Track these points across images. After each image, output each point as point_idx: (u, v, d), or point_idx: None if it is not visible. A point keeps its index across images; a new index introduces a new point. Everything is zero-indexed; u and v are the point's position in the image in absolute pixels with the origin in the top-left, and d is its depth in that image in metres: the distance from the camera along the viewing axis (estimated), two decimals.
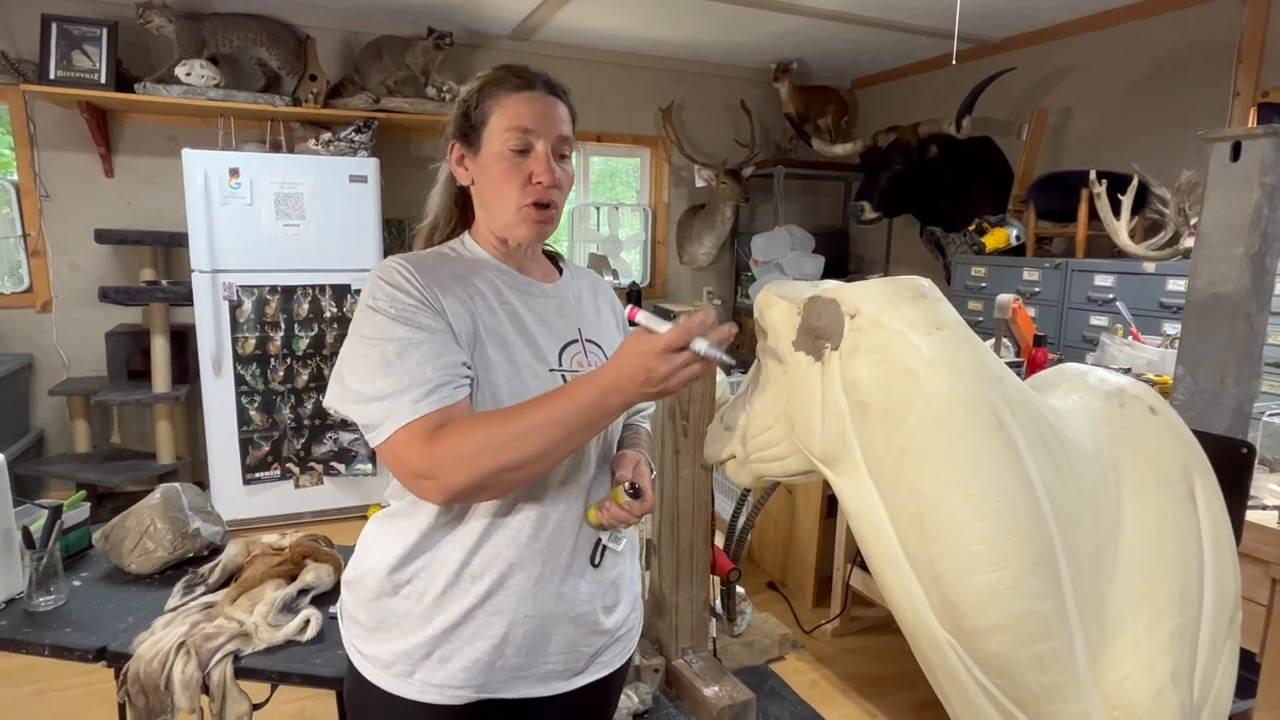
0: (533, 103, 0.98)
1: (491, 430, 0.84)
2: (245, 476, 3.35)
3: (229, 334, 3.26)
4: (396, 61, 3.70)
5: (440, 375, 0.87)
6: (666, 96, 4.67)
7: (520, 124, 0.96)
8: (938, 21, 3.71)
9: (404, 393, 0.85)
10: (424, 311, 0.91)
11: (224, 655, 1.37)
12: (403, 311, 0.90)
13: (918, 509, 0.75)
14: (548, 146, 0.98)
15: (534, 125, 0.97)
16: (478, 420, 0.86)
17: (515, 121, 0.96)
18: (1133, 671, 0.79)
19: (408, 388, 0.86)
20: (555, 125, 0.99)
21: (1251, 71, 3.08)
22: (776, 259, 4.46)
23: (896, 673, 2.49)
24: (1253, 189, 1.02)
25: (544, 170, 0.97)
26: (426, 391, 0.86)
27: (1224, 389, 1.05)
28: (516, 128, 0.96)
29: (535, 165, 0.97)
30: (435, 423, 0.85)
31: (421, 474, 0.86)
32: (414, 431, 0.85)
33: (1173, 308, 2.70)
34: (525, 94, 0.98)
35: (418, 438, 0.85)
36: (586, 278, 1.16)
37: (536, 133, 0.97)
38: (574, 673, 1.02)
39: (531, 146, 0.97)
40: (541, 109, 0.98)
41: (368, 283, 0.94)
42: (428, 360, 0.87)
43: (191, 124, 3.69)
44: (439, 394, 0.86)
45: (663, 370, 0.79)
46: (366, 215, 3.40)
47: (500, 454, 0.84)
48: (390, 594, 0.97)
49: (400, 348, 0.88)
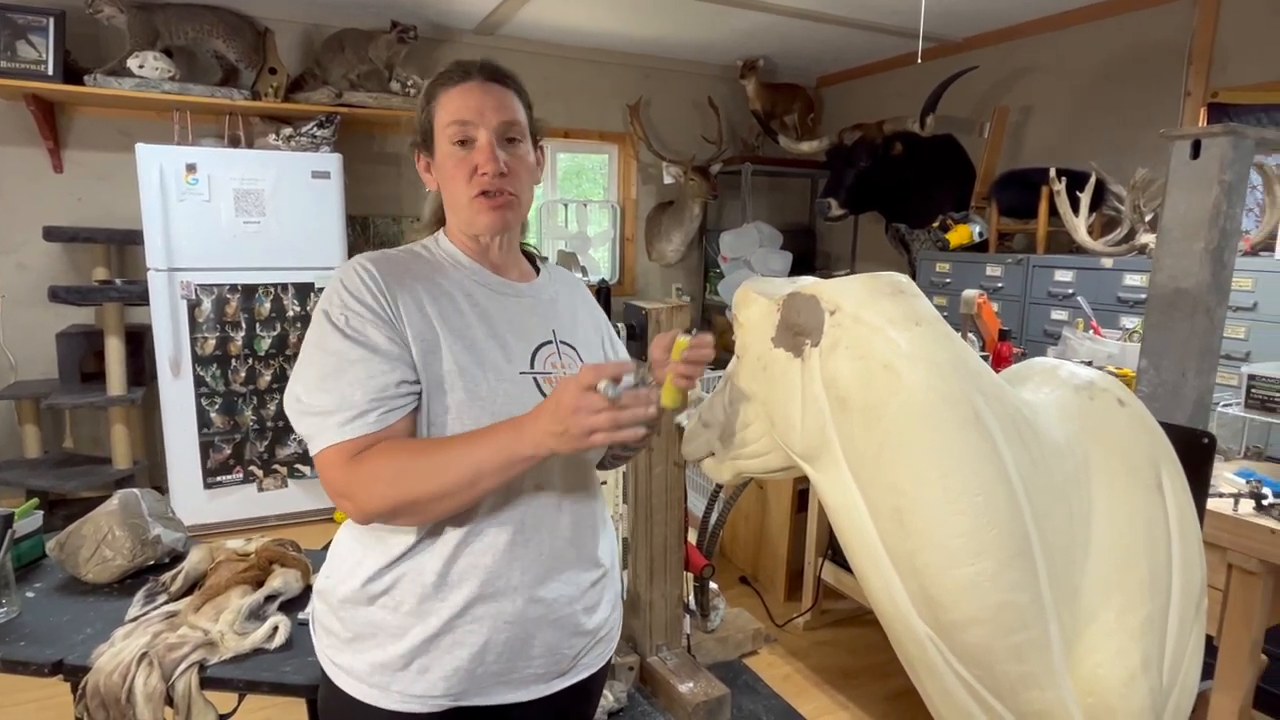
0: (468, 94, 0.97)
1: (409, 461, 0.86)
2: (206, 480, 3.27)
3: (188, 334, 3.17)
4: (359, 55, 3.63)
5: (368, 400, 0.87)
6: (633, 93, 4.66)
7: (458, 116, 0.96)
8: (902, 20, 3.75)
9: (332, 414, 0.87)
10: (372, 322, 0.90)
11: (189, 665, 1.33)
12: (349, 322, 0.90)
13: (897, 503, 0.75)
14: (490, 135, 0.96)
15: (472, 116, 0.96)
16: (399, 449, 0.87)
17: (454, 115, 0.96)
18: (1105, 659, 0.80)
19: (336, 409, 0.87)
20: (496, 112, 0.97)
21: (1201, 72, 3.17)
22: (745, 255, 4.48)
23: (867, 664, 2.52)
24: (1212, 186, 1.04)
25: (486, 159, 0.95)
26: (352, 416, 0.87)
27: (1185, 381, 1.08)
28: (455, 121, 0.96)
29: (478, 155, 0.96)
30: (361, 446, 0.87)
31: (341, 494, 0.88)
32: (339, 452, 0.87)
33: (1130, 302, 2.78)
34: (461, 86, 0.97)
35: (341, 459, 0.87)
36: (565, 279, 1.15)
37: (475, 123, 0.96)
38: (555, 675, 1.00)
39: (473, 137, 0.96)
40: (478, 98, 0.97)
41: (329, 283, 0.95)
42: (359, 382, 0.88)
43: (145, 118, 3.58)
44: (364, 420, 0.87)
45: (568, 402, 0.78)
46: (330, 212, 3.33)
47: (414, 485, 0.85)
48: (365, 604, 0.95)
49: (337, 364, 0.88)
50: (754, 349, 0.85)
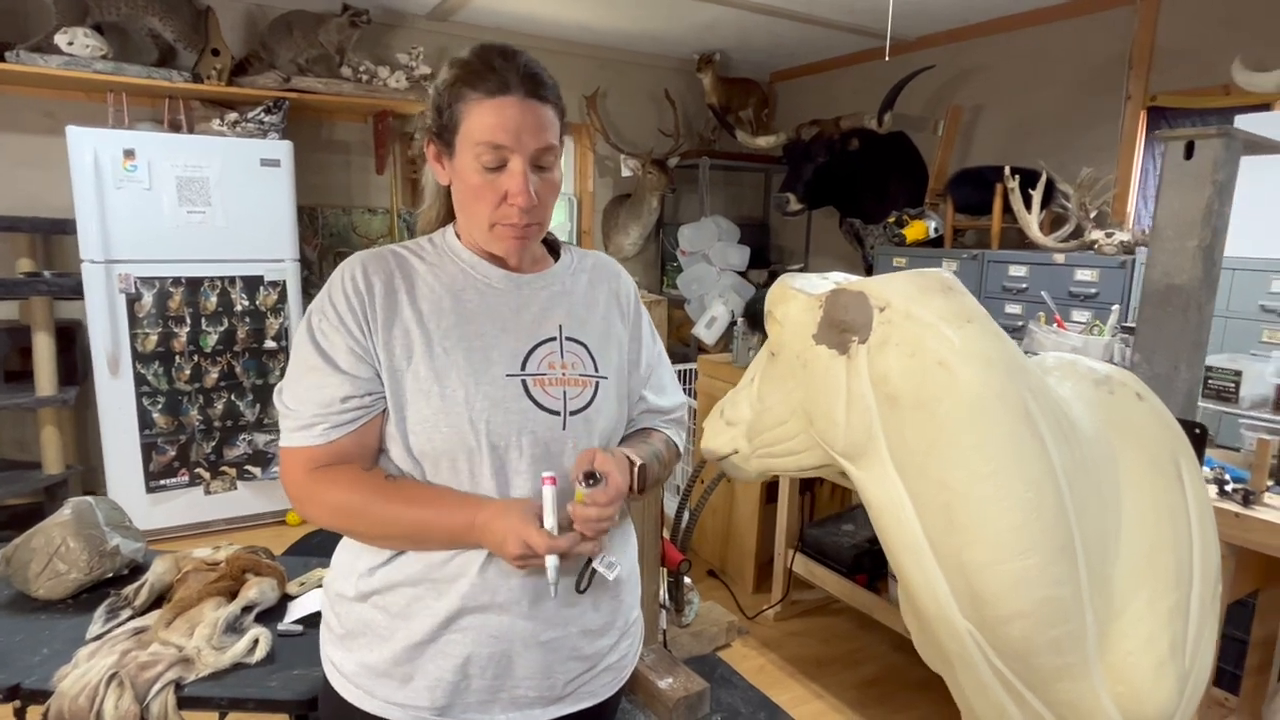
0: (505, 111, 0.85)
1: (360, 500, 0.87)
2: (149, 484, 3.09)
3: (127, 330, 2.98)
4: (308, 39, 3.47)
5: (313, 414, 0.88)
6: (590, 84, 4.61)
7: (492, 138, 0.85)
8: (857, 18, 3.81)
9: (287, 418, 0.90)
10: (338, 329, 0.89)
11: (164, 685, 1.25)
12: (319, 326, 0.90)
13: (946, 499, 0.75)
14: (525, 162, 0.87)
15: (508, 140, 0.86)
16: (357, 485, 0.88)
17: (487, 135, 0.86)
18: (1135, 647, 0.82)
19: (289, 414, 0.90)
20: (534, 136, 0.87)
21: (1141, 77, 3.32)
22: (703, 250, 4.49)
23: (839, 652, 2.56)
24: (1205, 186, 1.08)
25: (519, 190, 0.87)
26: (300, 425, 0.89)
27: (1178, 374, 1.12)
28: (488, 143, 0.86)
29: (510, 184, 0.87)
30: (315, 458, 0.89)
31: (293, 498, 0.91)
32: (292, 456, 0.90)
33: (1080, 296, 2.89)
34: (499, 100, 0.85)
35: (296, 465, 0.90)
36: (595, 266, 1.06)
37: (511, 148, 0.86)
38: (550, 701, 0.94)
39: (505, 162, 0.87)
40: (517, 119, 0.86)
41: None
42: (309, 393, 0.89)
43: (74, 99, 3.34)
44: (310, 432, 0.88)
45: (512, 552, 0.83)
46: (280, 201, 3.19)
47: (358, 524, 0.89)
48: (359, 600, 0.94)
49: (299, 369, 0.90)
50: (793, 346, 0.83)
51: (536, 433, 0.90)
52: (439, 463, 0.89)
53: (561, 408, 0.92)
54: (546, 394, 0.92)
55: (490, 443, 0.88)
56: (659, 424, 1.06)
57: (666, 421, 1.06)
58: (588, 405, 0.94)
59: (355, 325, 0.89)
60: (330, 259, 3.97)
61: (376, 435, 0.91)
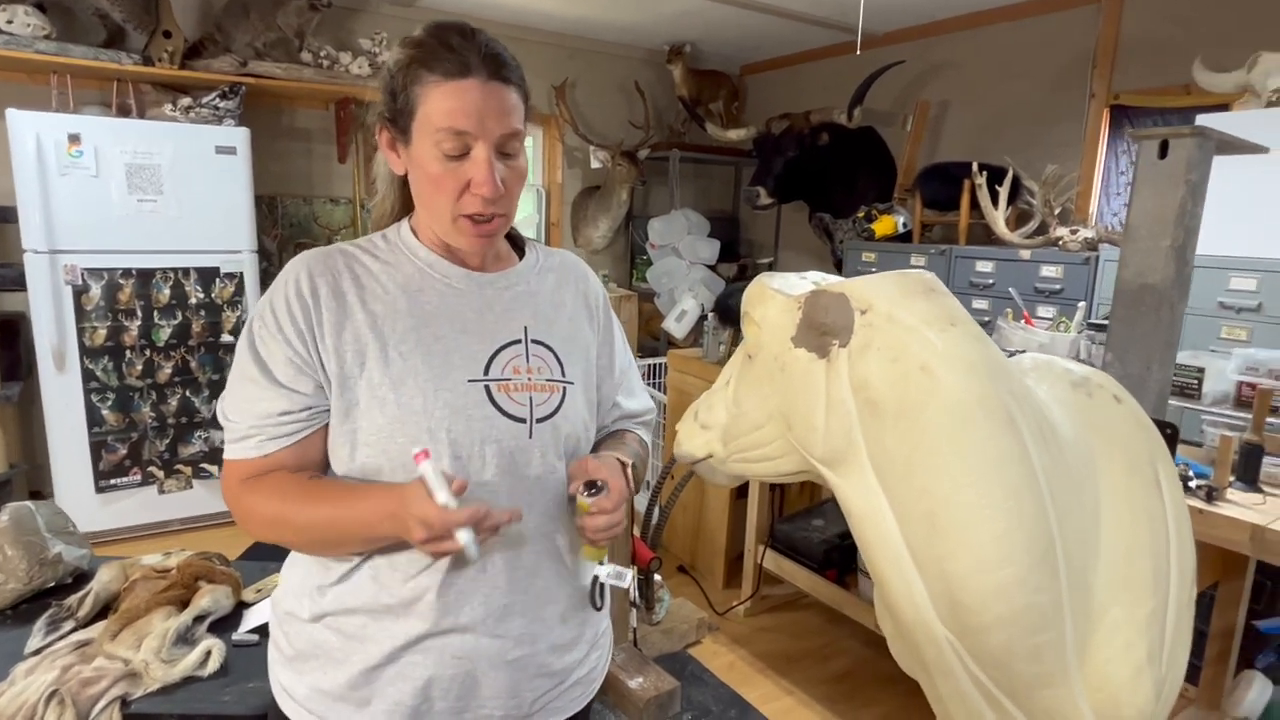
0: (466, 95, 0.79)
1: (284, 507, 0.83)
2: (99, 484, 2.97)
3: (73, 323, 2.85)
4: (266, 22, 3.35)
5: (248, 426, 0.85)
6: (559, 74, 4.54)
7: (453, 124, 0.79)
8: (827, 12, 3.80)
9: (225, 428, 0.87)
10: (277, 338, 0.84)
11: (109, 701, 1.19)
12: (259, 333, 0.85)
13: (928, 507, 0.73)
14: (489, 149, 0.81)
15: (471, 126, 0.80)
16: (279, 490, 0.84)
17: (448, 121, 0.79)
18: (1114, 654, 0.81)
19: (228, 425, 0.87)
20: (499, 121, 0.81)
21: (1105, 76, 3.36)
22: (673, 242, 4.46)
23: (808, 648, 2.56)
24: (1178, 185, 1.08)
25: (485, 179, 0.81)
26: (238, 437, 0.86)
27: (1150, 374, 1.12)
28: (449, 129, 0.80)
29: (474, 172, 0.81)
30: (250, 470, 0.85)
31: (231, 510, 0.88)
32: (228, 468, 0.87)
33: (1046, 292, 2.92)
34: (459, 83, 0.79)
35: (230, 476, 0.87)
36: (560, 265, 1.00)
37: (474, 134, 0.80)
38: (518, 719, 0.90)
39: (468, 149, 0.81)
40: (479, 102, 0.80)
41: None
42: (241, 405, 0.85)
43: (14, 80, 3.18)
44: (245, 444, 0.85)
45: (417, 536, 0.76)
46: (237, 190, 3.07)
47: (286, 533, 0.85)
48: (309, 620, 0.87)
49: (237, 379, 0.86)
50: (770, 348, 0.80)
51: (501, 442, 0.85)
52: (394, 477, 0.82)
53: (528, 415, 0.87)
54: (512, 400, 0.86)
55: (452, 454, 0.82)
56: (631, 426, 1.03)
57: (638, 424, 1.04)
58: (555, 412, 0.89)
59: (296, 335, 0.83)
60: (291, 250, 3.85)
61: (319, 448, 0.86)
